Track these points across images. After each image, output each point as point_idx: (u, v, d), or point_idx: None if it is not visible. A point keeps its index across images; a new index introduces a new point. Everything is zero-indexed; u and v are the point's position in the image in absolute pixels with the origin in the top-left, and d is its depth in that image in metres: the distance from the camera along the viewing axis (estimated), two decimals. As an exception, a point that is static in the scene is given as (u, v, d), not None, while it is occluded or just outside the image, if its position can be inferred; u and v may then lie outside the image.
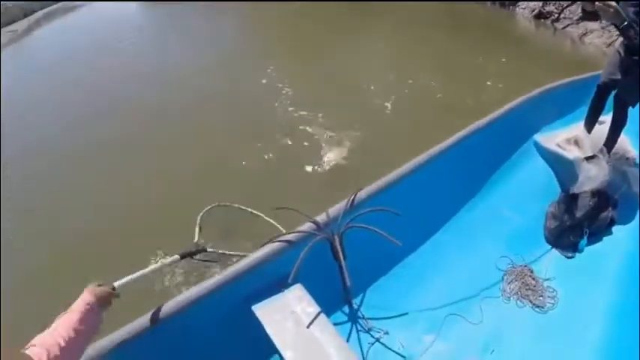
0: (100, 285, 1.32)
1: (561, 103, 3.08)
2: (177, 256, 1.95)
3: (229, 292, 1.87)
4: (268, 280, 1.93)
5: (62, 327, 1.08)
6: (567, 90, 3.08)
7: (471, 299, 2.16)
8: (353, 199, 2.10)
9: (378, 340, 2.01)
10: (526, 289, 2.21)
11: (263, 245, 1.98)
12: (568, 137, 2.81)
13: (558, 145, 2.78)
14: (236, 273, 1.88)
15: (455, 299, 2.14)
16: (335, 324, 1.90)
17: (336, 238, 1.91)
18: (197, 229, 2.79)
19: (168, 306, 1.81)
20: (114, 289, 1.40)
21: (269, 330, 1.81)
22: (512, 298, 2.19)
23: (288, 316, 1.84)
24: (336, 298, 2.11)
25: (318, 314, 1.81)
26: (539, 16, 7.62)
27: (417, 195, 2.26)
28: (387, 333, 2.03)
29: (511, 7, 8.11)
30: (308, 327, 1.78)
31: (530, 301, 2.16)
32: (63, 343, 1.02)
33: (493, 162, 2.74)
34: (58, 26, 10.33)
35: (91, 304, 1.20)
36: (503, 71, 5.26)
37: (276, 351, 1.82)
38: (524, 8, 7.90)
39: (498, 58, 5.67)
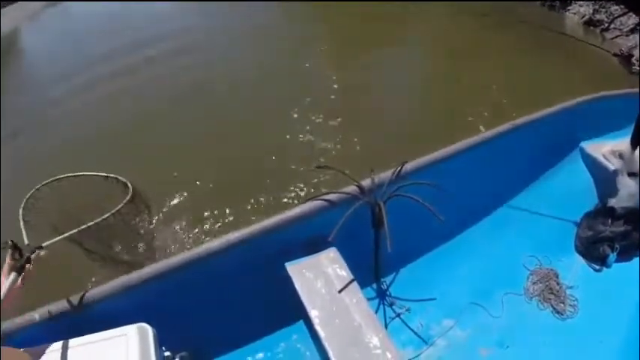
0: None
1: (616, 113, 2.98)
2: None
3: (264, 243, 1.86)
4: (304, 238, 1.93)
5: None
6: (624, 101, 2.98)
7: (495, 292, 2.16)
8: (399, 170, 2.06)
9: (399, 315, 2.02)
10: (549, 293, 2.20)
11: (305, 202, 1.96)
12: (614, 149, 2.73)
13: (603, 156, 2.72)
14: (272, 226, 1.87)
15: (479, 289, 2.14)
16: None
17: (380, 204, 1.87)
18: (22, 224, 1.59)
19: (202, 248, 1.81)
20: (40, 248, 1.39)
21: (299, 287, 1.81)
22: (534, 299, 2.18)
23: (319, 277, 1.84)
24: (366, 266, 2.10)
25: (352, 281, 1.81)
26: (589, 23, 7.33)
27: (460, 177, 2.22)
28: (408, 310, 2.04)
29: (561, 10, 7.80)
30: (340, 292, 1.78)
31: (552, 305, 2.16)
32: None
33: (538, 159, 2.68)
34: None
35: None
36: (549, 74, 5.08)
37: (301, 310, 1.83)
38: (575, 13, 7.60)
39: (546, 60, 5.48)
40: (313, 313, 1.74)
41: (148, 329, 1.44)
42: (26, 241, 1.41)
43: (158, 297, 1.74)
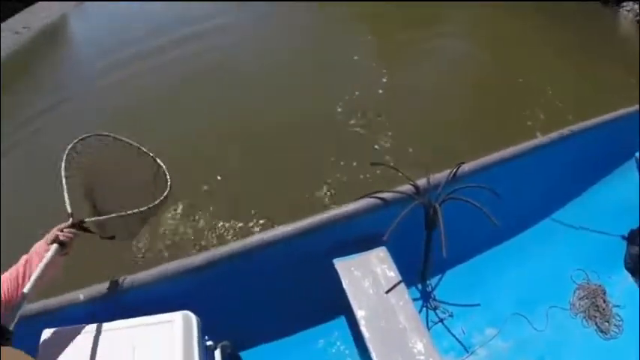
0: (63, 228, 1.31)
1: None
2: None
3: (314, 239, 1.86)
4: (356, 235, 1.92)
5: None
6: None
7: (540, 304, 2.12)
8: (455, 172, 2.02)
9: (442, 320, 2.00)
10: (595, 310, 2.14)
11: (358, 199, 1.94)
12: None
13: None
14: (324, 222, 1.86)
15: (524, 299, 2.10)
16: None
17: (436, 206, 1.84)
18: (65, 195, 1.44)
19: (251, 240, 1.82)
20: (82, 222, 1.37)
21: (346, 285, 1.80)
22: (579, 315, 2.13)
23: (367, 276, 1.83)
24: (414, 267, 2.09)
25: (399, 283, 1.79)
26: (644, 22, 6.93)
27: (514, 183, 2.17)
28: (451, 315, 2.02)
29: (614, 6, 7.39)
30: (387, 292, 1.77)
31: (596, 324, 2.10)
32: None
33: (592, 167, 2.58)
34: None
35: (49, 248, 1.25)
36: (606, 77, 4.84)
37: (344, 308, 1.83)
38: (629, 10, 7.19)
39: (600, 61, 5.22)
40: (359, 313, 1.73)
41: (193, 317, 1.45)
42: (69, 209, 1.36)
43: (202, 286, 1.76)
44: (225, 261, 1.78)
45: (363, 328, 1.69)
